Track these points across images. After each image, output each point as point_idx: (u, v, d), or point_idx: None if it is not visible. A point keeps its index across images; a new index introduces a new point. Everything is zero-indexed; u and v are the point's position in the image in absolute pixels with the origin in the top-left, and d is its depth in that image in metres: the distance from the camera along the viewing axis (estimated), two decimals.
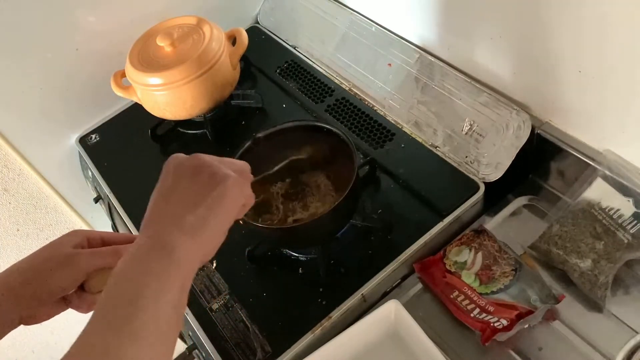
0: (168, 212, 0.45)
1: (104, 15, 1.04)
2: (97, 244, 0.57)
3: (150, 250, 0.43)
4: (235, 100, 1.05)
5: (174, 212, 0.45)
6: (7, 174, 1.10)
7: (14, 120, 1.05)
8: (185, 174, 0.48)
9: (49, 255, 0.53)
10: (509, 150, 0.79)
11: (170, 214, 0.45)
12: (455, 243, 0.77)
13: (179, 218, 0.45)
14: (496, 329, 0.66)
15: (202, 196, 0.46)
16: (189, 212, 0.45)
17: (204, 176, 0.47)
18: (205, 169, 0.48)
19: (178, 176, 0.48)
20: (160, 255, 0.42)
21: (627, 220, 0.68)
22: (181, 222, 0.44)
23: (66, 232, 0.56)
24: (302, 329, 0.72)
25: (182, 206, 0.45)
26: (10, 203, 1.14)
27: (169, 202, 0.46)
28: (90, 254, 0.54)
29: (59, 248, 0.54)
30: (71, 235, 0.56)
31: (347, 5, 1.07)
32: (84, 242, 0.56)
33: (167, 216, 0.45)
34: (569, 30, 0.68)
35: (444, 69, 0.89)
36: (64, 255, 0.53)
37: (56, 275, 0.52)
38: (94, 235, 0.57)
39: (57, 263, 0.52)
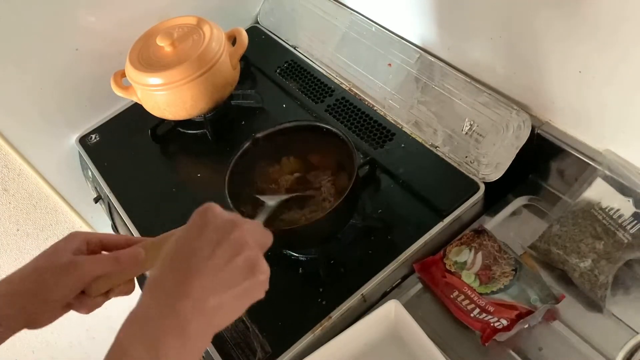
0: (193, 285, 0.41)
1: (104, 15, 1.04)
2: (96, 247, 0.57)
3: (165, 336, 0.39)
4: (235, 100, 1.05)
5: (199, 288, 0.41)
6: (7, 174, 1.10)
7: (14, 120, 1.05)
8: (222, 244, 0.43)
9: (50, 264, 0.53)
10: (509, 150, 0.79)
11: (195, 291, 0.40)
12: (455, 243, 0.77)
13: (203, 299, 0.40)
14: (496, 329, 0.66)
15: (234, 280, 0.42)
16: (216, 293, 0.41)
17: (242, 259, 0.43)
18: (246, 250, 0.43)
19: (215, 242, 0.43)
20: (175, 343, 0.39)
21: (627, 220, 0.68)
22: (204, 306, 0.40)
23: (65, 235, 0.56)
24: (302, 329, 0.72)
25: (210, 283, 0.41)
26: (10, 203, 1.14)
27: (197, 271, 0.41)
28: (91, 261, 0.53)
29: (59, 255, 0.53)
30: (70, 240, 0.55)
31: (347, 5, 1.07)
32: (83, 246, 0.56)
33: (190, 294, 0.40)
34: (569, 30, 0.68)
35: (444, 69, 0.89)
36: (64, 263, 0.53)
37: (58, 284, 0.52)
38: (93, 238, 0.57)
39: (58, 272, 0.52)
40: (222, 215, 0.45)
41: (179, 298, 0.40)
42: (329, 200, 0.81)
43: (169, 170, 1.03)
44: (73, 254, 0.54)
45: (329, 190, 0.82)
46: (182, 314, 0.40)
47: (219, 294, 0.41)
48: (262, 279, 0.44)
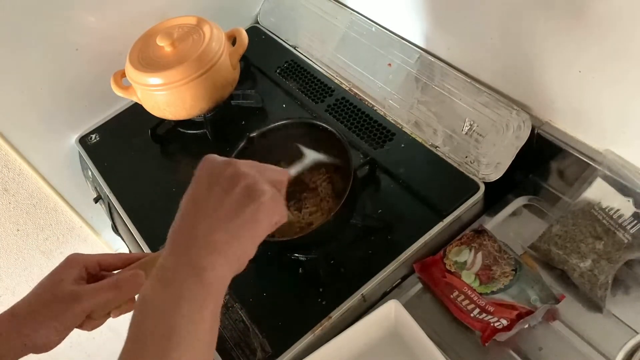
0: (199, 227, 0.43)
1: (104, 15, 1.04)
2: (95, 270, 0.58)
3: (181, 276, 0.41)
4: (235, 100, 1.05)
5: (204, 228, 0.43)
6: (7, 174, 1.10)
7: (14, 120, 1.05)
8: (219, 182, 0.45)
9: (51, 299, 0.53)
10: (509, 150, 0.79)
11: (201, 231, 0.43)
12: (455, 243, 0.77)
13: (209, 235, 0.43)
14: (496, 329, 0.66)
15: (235, 211, 0.44)
16: (221, 228, 0.43)
17: (240, 189, 0.44)
18: (242, 180, 0.45)
19: (211, 184, 0.45)
20: (191, 281, 0.41)
21: (627, 220, 0.68)
22: (212, 240, 0.43)
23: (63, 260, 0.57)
24: (302, 329, 0.72)
25: (214, 220, 0.43)
26: (10, 203, 1.14)
27: (199, 214, 0.44)
28: (93, 292, 0.54)
29: (59, 287, 0.54)
30: (69, 267, 0.56)
31: (347, 5, 1.07)
32: (83, 272, 0.56)
33: (198, 234, 0.43)
34: (569, 30, 0.68)
35: (444, 69, 0.89)
36: (65, 296, 0.53)
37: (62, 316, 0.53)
38: (90, 262, 0.57)
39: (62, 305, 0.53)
40: (218, 158, 0.47)
41: (189, 248, 0.42)
42: (327, 200, 0.81)
43: (169, 170, 1.03)
44: (74, 282, 0.55)
45: (326, 190, 0.82)
46: (197, 262, 0.41)
47: (224, 225, 0.43)
48: (266, 200, 0.45)
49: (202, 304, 0.41)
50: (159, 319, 0.40)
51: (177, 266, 0.42)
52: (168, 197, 0.97)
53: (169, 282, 0.41)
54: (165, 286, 0.41)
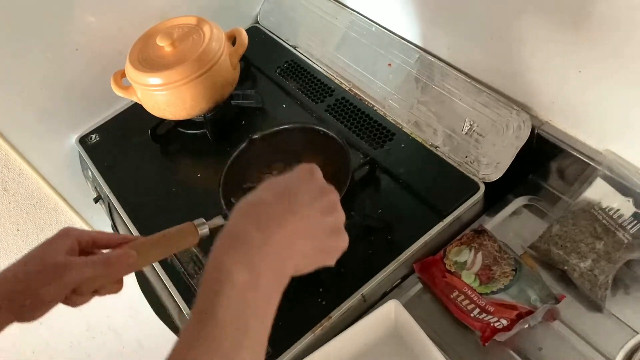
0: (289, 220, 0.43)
1: (104, 15, 1.04)
2: (88, 246, 0.57)
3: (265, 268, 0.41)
4: (235, 100, 1.05)
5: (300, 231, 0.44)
6: (7, 174, 1.10)
7: (14, 120, 1.05)
8: (319, 201, 0.46)
9: (43, 265, 0.53)
10: (509, 150, 0.79)
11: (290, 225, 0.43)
12: (455, 243, 0.77)
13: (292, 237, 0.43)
14: (496, 329, 0.66)
15: (320, 236, 0.45)
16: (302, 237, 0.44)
17: (332, 220, 0.46)
18: (336, 214, 0.47)
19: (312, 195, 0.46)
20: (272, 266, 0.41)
21: (627, 220, 0.68)
22: (292, 241, 0.43)
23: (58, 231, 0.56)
24: (302, 329, 0.72)
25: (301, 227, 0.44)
26: (10, 203, 1.14)
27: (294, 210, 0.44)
28: (82, 264, 0.53)
29: (50, 256, 0.53)
30: (62, 238, 0.55)
31: (347, 5, 1.07)
32: (75, 245, 0.56)
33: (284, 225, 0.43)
34: (569, 31, 0.68)
35: (444, 69, 0.89)
36: (55, 264, 0.53)
37: (49, 285, 0.52)
38: (85, 236, 0.57)
39: (50, 274, 0.52)
40: (323, 179, 0.48)
41: (275, 230, 0.42)
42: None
43: (169, 170, 1.03)
44: (65, 254, 0.54)
45: None
46: (275, 244, 0.41)
47: (305, 240, 0.44)
48: (342, 246, 0.47)
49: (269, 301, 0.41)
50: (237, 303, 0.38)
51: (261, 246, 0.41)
52: (168, 197, 0.98)
53: (252, 261, 0.40)
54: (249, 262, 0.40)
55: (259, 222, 0.42)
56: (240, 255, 0.40)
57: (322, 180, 0.48)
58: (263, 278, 0.40)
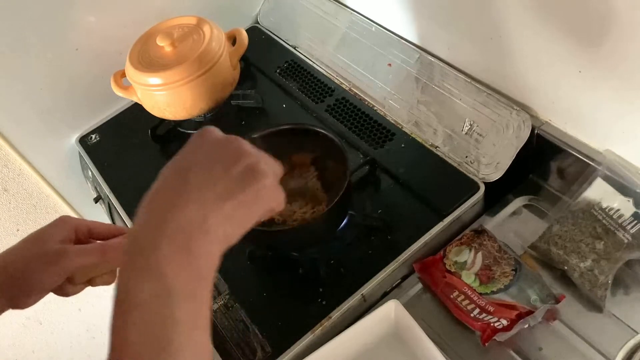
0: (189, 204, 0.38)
1: (104, 15, 1.04)
2: (84, 235, 0.57)
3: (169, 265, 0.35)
4: (235, 100, 1.05)
5: (197, 205, 0.38)
6: (7, 174, 1.10)
7: (14, 120, 1.05)
8: (221, 158, 0.41)
9: (38, 252, 0.53)
10: (509, 150, 0.79)
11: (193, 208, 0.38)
12: (455, 243, 0.77)
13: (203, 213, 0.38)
14: (496, 329, 0.66)
15: (234, 190, 0.40)
16: (217, 207, 0.38)
17: (242, 167, 0.41)
18: (245, 158, 0.41)
19: (211, 158, 0.41)
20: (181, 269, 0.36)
21: (627, 220, 0.68)
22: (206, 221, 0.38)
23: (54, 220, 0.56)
24: (302, 329, 0.72)
25: (210, 197, 0.38)
26: (10, 203, 1.14)
27: (191, 188, 0.39)
28: (78, 252, 0.53)
29: (46, 243, 0.53)
30: (59, 227, 0.55)
31: (347, 5, 1.07)
32: (72, 234, 0.55)
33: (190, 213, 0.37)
34: (569, 30, 0.68)
35: (444, 69, 0.89)
36: (51, 252, 0.53)
37: (44, 273, 0.52)
38: (81, 226, 0.57)
39: (45, 261, 0.52)
40: (220, 133, 0.43)
41: (174, 214, 0.37)
42: (316, 195, 0.81)
43: None
44: (61, 242, 0.54)
45: (315, 185, 0.82)
46: (181, 229, 0.37)
47: (219, 205, 0.39)
48: (268, 183, 0.41)
49: (195, 296, 0.36)
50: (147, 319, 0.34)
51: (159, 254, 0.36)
52: None
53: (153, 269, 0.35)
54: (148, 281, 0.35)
55: (154, 218, 0.38)
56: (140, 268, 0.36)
57: (217, 135, 0.43)
58: (176, 278, 0.35)
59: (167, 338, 0.34)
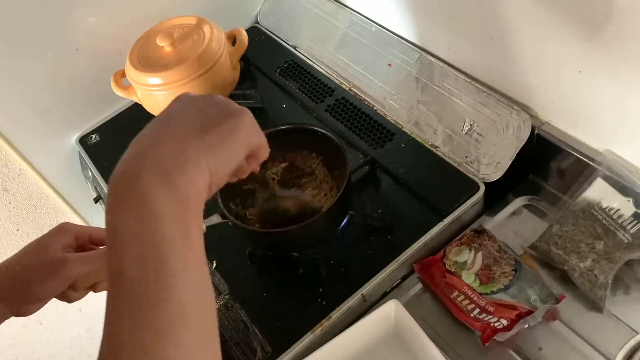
0: (166, 141, 0.37)
1: (104, 15, 1.04)
2: (85, 242, 0.57)
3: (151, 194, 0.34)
4: (235, 100, 1.04)
5: (174, 139, 0.38)
6: (7, 174, 1.10)
7: (14, 120, 1.05)
8: (194, 103, 0.42)
9: (39, 261, 0.53)
10: (509, 150, 0.79)
11: (169, 143, 0.37)
12: (455, 243, 0.77)
13: (180, 145, 0.37)
14: (496, 329, 0.66)
15: (211, 125, 0.40)
16: (195, 137, 0.38)
17: (216, 107, 0.42)
18: (219, 103, 0.42)
19: (185, 104, 0.42)
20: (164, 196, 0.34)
21: (627, 220, 0.68)
22: (183, 150, 0.37)
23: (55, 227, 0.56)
24: (302, 329, 0.72)
25: (187, 131, 0.38)
26: (10, 203, 1.14)
27: (167, 129, 0.39)
28: (79, 260, 0.54)
29: (48, 252, 0.54)
30: (60, 234, 0.55)
31: (347, 5, 1.07)
32: (72, 241, 0.56)
33: (165, 147, 0.37)
34: (569, 31, 0.68)
35: (444, 69, 0.89)
36: (52, 261, 0.53)
37: (45, 281, 0.53)
38: (82, 233, 0.57)
39: (47, 270, 0.53)
40: (197, 93, 0.44)
41: (155, 147, 0.37)
42: (326, 181, 0.82)
43: None
44: (62, 250, 0.54)
45: (322, 171, 0.83)
46: (160, 161, 0.36)
47: (197, 136, 0.38)
48: (245, 120, 0.42)
49: (184, 223, 0.35)
50: (140, 251, 0.33)
51: (142, 184, 0.34)
52: None
53: (139, 202, 0.34)
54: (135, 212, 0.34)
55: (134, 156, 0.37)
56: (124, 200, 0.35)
57: (193, 93, 0.44)
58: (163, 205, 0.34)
59: (161, 260, 0.33)
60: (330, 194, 0.81)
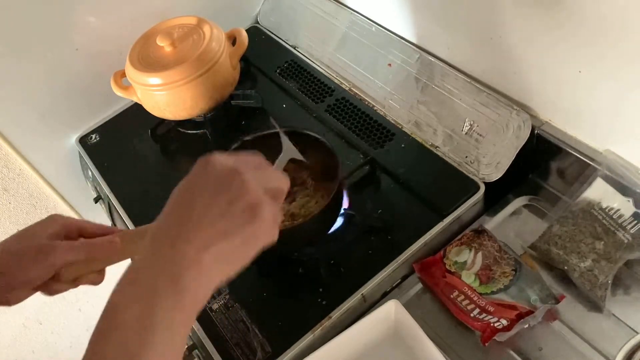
0: (191, 239, 0.39)
1: (104, 15, 1.04)
2: (74, 234, 0.56)
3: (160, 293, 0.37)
4: (235, 100, 1.05)
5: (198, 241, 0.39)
6: (7, 174, 1.10)
7: (14, 120, 1.05)
8: (223, 192, 0.41)
9: (23, 247, 0.53)
10: (509, 150, 0.79)
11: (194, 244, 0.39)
12: (455, 243, 0.77)
13: (201, 251, 0.39)
14: (496, 329, 0.66)
15: (233, 229, 0.40)
16: (214, 245, 0.39)
17: (243, 204, 0.41)
18: (247, 195, 0.41)
19: (214, 191, 0.41)
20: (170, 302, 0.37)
21: (627, 220, 0.68)
22: (202, 258, 0.39)
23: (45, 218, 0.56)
24: (302, 329, 0.72)
25: (209, 234, 0.40)
26: (10, 203, 1.14)
27: (194, 222, 0.40)
28: (65, 247, 0.53)
29: (34, 238, 0.53)
30: (48, 223, 0.55)
31: (347, 5, 1.07)
32: (61, 231, 0.55)
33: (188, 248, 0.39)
34: (569, 31, 0.68)
35: (444, 69, 0.89)
36: (38, 247, 0.52)
37: (29, 268, 0.52)
38: (71, 224, 0.56)
39: (31, 256, 0.52)
40: (225, 163, 0.43)
41: (174, 249, 0.39)
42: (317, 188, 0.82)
43: (169, 170, 1.03)
44: (49, 238, 0.54)
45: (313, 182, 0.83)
46: (176, 266, 0.38)
47: (217, 244, 0.40)
48: (265, 225, 0.42)
49: (177, 329, 0.38)
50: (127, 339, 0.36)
51: (157, 277, 0.38)
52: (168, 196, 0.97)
53: (144, 295, 0.37)
54: (142, 296, 0.37)
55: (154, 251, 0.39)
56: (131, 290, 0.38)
57: (224, 165, 0.43)
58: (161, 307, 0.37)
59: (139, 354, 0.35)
60: (321, 201, 0.80)
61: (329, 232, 0.81)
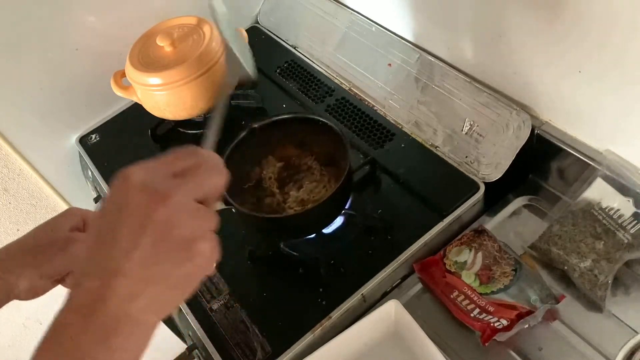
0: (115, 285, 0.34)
1: (104, 15, 1.04)
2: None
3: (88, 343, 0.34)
4: (235, 100, 1.05)
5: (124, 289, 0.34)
6: (7, 174, 1.10)
7: (14, 120, 1.05)
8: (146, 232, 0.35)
9: (49, 239, 0.54)
10: (509, 150, 0.79)
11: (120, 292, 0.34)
12: (455, 243, 0.77)
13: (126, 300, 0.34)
14: (496, 329, 0.66)
15: (164, 274, 0.35)
16: (144, 293, 0.35)
17: (172, 244, 0.35)
18: (173, 230, 0.35)
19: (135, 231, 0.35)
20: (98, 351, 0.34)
21: (627, 220, 0.68)
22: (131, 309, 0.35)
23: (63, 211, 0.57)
24: (302, 329, 0.72)
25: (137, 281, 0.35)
26: (10, 203, 1.14)
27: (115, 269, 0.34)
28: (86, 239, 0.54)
29: (56, 231, 0.55)
30: (68, 216, 0.57)
31: (347, 5, 1.07)
32: (80, 223, 0.57)
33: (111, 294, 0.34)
34: (569, 31, 0.68)
35: (444, 69, 0.89)
36: (62, 239, 0.54)
37: (54, 260, 0.54)
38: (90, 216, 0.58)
39: (56, 248, 0.54)
40: (144, 186, 0.36)
41: (100, 303, 0.34)
42: (324, 173, 0.82)
43: None
44: (70, 230, 0.55)
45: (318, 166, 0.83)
46: (104, 322, 0.34)
47: (148, 290, 0.35)
48: (202, 260, 0.36)
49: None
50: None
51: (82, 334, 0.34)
52: None
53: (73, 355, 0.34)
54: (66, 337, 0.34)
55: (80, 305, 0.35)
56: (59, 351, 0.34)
57: (143, 189, 0.36)
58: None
59: None
60: (329, 185, 0.81)
61: (329, 232, 0.81)
